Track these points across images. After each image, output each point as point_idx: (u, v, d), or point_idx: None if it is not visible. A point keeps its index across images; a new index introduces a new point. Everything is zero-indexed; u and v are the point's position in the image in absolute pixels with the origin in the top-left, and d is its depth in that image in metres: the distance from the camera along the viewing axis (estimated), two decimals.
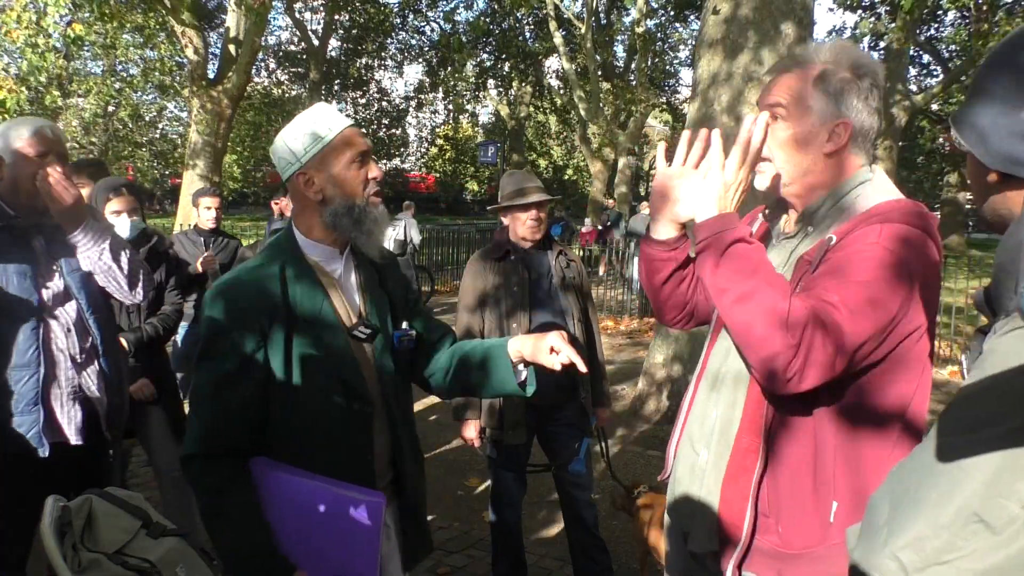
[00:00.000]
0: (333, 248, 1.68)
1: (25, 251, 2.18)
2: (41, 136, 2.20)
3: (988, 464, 0.73)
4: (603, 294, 11.57)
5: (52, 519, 1.76)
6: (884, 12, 16.90)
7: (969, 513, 0.74)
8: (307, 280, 1.62)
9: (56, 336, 2.21)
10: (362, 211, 1.61)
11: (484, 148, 20.77)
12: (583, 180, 37.77)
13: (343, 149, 1.60)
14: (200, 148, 13.42)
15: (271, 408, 1.59)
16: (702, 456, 1.52)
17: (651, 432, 5.60)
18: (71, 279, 2.27)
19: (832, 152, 1.41)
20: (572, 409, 3.02)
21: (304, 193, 1.62)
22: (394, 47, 27.70)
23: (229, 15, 14.25)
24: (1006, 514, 0.72)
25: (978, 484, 0.74)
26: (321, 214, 1.62)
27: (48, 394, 2.19)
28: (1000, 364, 0.77)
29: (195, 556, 1.89)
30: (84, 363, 2.27)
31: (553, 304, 2.99)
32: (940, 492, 0.76)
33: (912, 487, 0.80)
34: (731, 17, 5.47)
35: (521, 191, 2.96)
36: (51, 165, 2.17)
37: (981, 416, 0.76)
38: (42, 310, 2.18)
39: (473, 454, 3.41)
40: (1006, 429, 0.73)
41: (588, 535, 3.06)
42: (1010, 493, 0.72)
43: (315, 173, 1.59)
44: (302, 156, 1.59)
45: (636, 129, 21.72)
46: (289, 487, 1.58)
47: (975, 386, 0.79)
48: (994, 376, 0.77)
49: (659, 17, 22.97)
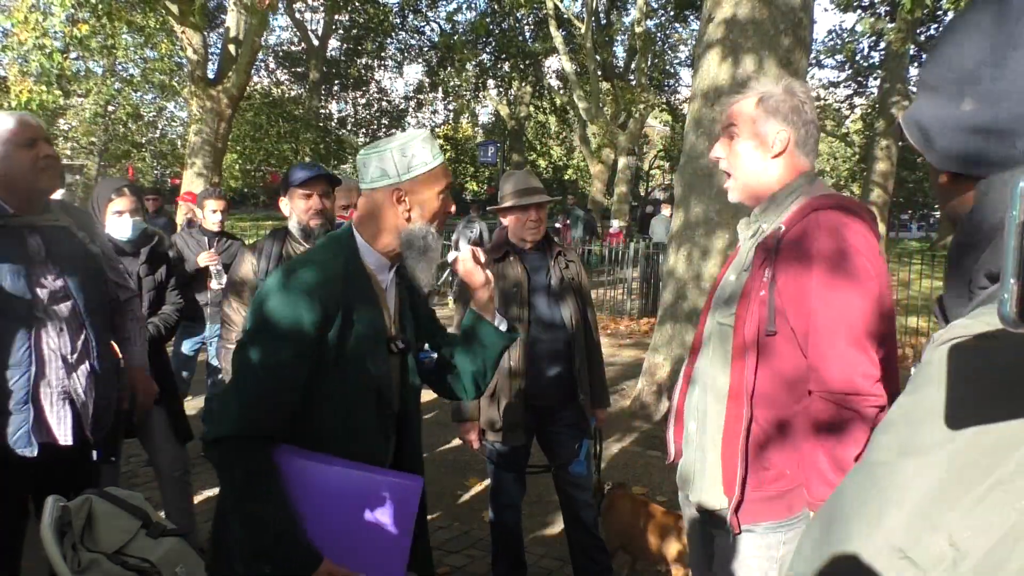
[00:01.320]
0: (387, 261, 1.74)
1: (20, 249, 2.18)
2: (25, 124, 2.22)
3: (914, 492, 0.65)
4: (603, 294, 11.57)
5: (52, 519, 1.76)
6: (884, 12, 16.90)
7: (894, 549, 0.65)
8: (365, 284, 1.68)
9: (49, 336, 2.20)
10: (433, 239, 1.71)
11: (484, 148, 20.73)
12: (583, 180, 37.76)
13: (439, 179, 1.70)
14: (200, 148, 13.41)
15: (305, 401, 1.59)
16: (691, 427, 1.82)
17: (651, 432, 5.60)
18: (70, 279, 2.26)
19: (777, 155, 1.74)
20: (572, 410, 3.02)
21: (391, 206, 1.67)
22: (394, 47, 27.71)
23: (229, 15, 14.24)
24: (933, 551, 0.63)
25: (903, 516, 0.65)
26: (398, 230, 1.69)
27: (38, 393, 2.19)
28: (929, 380, 0.68)
29: (195, 556, 1.90)
30: (76, 363, 2.26)
31: (552, 304, 2.99)
32: (866, 524, 0.67)
33: (844, 511, 0.71)
34: (731, 18, 5.47)
35: (520, 192, 2.96)
36: (42, 147, 2.22)
37: (908, 439, 0.68)
38: (35, 309, 2.17)
39: (473, 454, 3.41)
40: (935, 452, 0.64)
41: (588, 535, 3.06)
42: (938, 526, 0.63)
43: (409, 192, 1.67)
44: (404, 174, 1.65)
45: (636, 129, 21.71)
46: (316, 474, 1.56)
47: (903, 404, 0.71)
48: (922, 394, 0.69)
49: (659, 17, 22.98)
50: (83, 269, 2.33)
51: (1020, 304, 0.51)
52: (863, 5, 17.62)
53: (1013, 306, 0.51)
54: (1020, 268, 0.51)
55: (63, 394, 2.24)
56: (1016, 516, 0.61)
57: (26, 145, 2.19)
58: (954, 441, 0.63)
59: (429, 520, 1.98)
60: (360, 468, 1.59)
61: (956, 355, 0.67)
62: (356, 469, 1.59)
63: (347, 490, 1.57)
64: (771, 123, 1.73)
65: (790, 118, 1.73)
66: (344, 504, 1.57)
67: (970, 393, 0.65)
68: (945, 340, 0.68)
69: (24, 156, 2.18)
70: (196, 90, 13.30)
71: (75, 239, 2.36)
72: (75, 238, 2.36)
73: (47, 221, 2.28)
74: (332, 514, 1.57)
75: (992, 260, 0.70)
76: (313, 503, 1.56)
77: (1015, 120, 0.71)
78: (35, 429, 2.18)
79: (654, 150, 39.83)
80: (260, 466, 1.52)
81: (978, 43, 0.74)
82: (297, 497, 1.54)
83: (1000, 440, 0.62)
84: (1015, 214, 0.51)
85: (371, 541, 1.59)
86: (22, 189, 2.20)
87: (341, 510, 1.57)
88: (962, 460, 0.63)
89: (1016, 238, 0.51)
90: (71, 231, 2.36)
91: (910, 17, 11.01)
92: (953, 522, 0.63)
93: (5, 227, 2.17)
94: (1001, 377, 0.64)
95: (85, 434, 2.31)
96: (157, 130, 25.25)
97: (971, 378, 0.65)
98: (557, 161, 39.31)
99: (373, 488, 1.57)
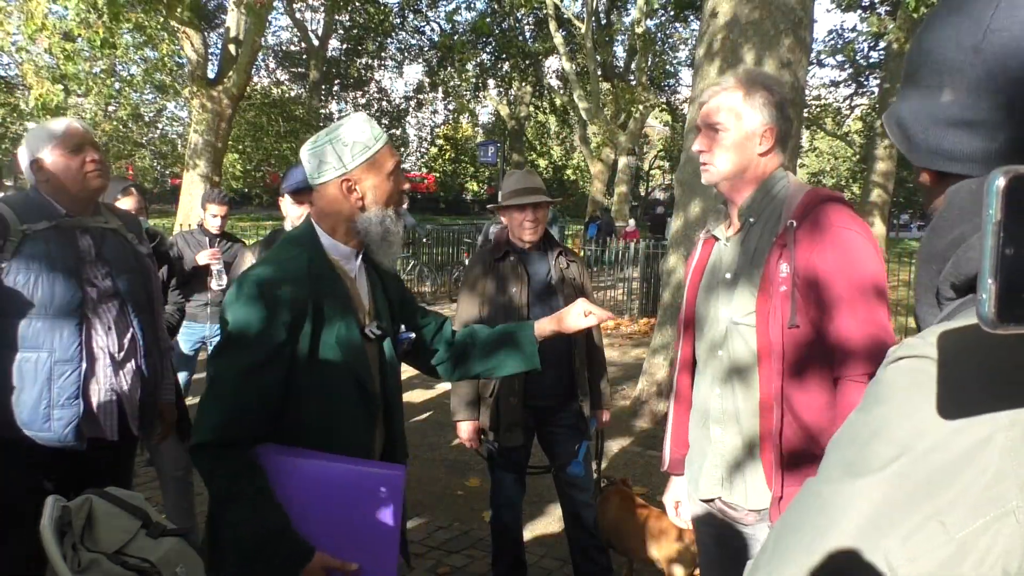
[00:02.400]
0: (352, 250, 1.75)
1: (72, 249, 2.26)
2: (73, 131, 2.32)
3: (854, 516, 0.62)
4: (603, 294, 11.57)
5: (52, 519, 1.76)
6: (884, 12, 16.90)
7: (834, 570, 0.63)
8: (331, 276, 1.69)
9: (98, 334, 2.27)
10: (392, 221, 1.70)
11: (484, 148, 20.71)
12: (583, 180, 37.77)
13: (385, 161, 1.69)
14: (200, 148, 13.42)
15: (285, 400, 1.61)
16: (715, 432, 1.81)
17: (651, 432, 5.60)
18: (119, 279, 2.33)
19: (764, 152, 1.76)
20: (571, 411, 3.02)
21: (343, 198, 1.68)
22: (394, 47, 27.73)
23: (229, 15, 14.25)
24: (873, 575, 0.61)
25: (843, 538, 0.63)
26: (354, 219, 1.69)
27: (88, 390, 2.25)
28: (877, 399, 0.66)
29: (195, 556, 1.90)
30: (123, 361, 2.33)
31: (552, 304, 2.98)
32: (807, 544, 0.65)
33: (786, 534, 0.69)
34: (731, 18, 5.47)
35: (519, 191, 2.96)
36: (89, 152, 2.30)
37: (851, 458, 0.65)
38: (86, 307, 2.24)
39: (473, 454, 3.41)
40: (875, 475, 0.62)
41: (587, 535, 3.06)
42: (875, 550, 0.61)
43: (359, 180, 1.66)
44: (349, 163, 1.65)
45: (636, 129, 21.72)
46: (302, 470, 1.58)
47: (853, 422, 0.68)
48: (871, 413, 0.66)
49: (659, 17, 22.97)
50: (131, 270, 2.40)
51: (998, 304, 0.50)
52: (863, 5, 17.61)
53: (991, 307, 0.50)
54: (997, 268, 0.49)
55: (111, 391, 2.29)
56: (954, 548, 0.58)
57: (74, 150, 2.28)
58: (897, 464, 0.61)
59: (429, 520, 1.99)
60: (343, 461, 1.61)
61: (905, 373, 0.64)
62: (339, 462, 1.60)
63: (332, 484, 1.59)
64: (757, 117, 1.74)
65: (775, 113, 1.75)
66: (331, 498, 1.59)
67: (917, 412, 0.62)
68: (897, 358, 0.66)
69: (72, 162, 2.27)
70: (196, 90, 13.30)
71: (125, 240, 2.43)
72: (124, 239, 2.43)
73: (97, 222, 2.35)
74: (319, 508, 1.59)
75: (954, 271, 0.67)
76: (299, 499, 1.57)
77: (996, 110, 0.67)
78: (85, 423, 2.23)
79: (654, 150, 39.85)
80: (241, 469, 1.54)
81: (959, 28, 0.70)
82: (283, 495, 1.55)
83: (943, 465, 0.60)
84: (991, 213, 0.50)
85: (361, 531, 1.60)
86: (72, 192, 2.29)
87: (328, 504, 1.59)
88: (903, 484, 0.61)
89: (993, 237, 0.50)
90: (120, 232, 2.43)
91: (916, 16, 10.98)
92: (892, 548, 0.60)
93: (58, 227, 2.24)
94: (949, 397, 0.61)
95: (130, 431, 2.36)
96: (157, 130, 25.25)
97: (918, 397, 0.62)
98: (557, 161, 39.31)
99: (357, 480, 1.59)
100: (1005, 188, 0.50)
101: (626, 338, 9.48)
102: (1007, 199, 0.50)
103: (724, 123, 1.77)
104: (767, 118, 1.75)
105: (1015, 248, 0.49)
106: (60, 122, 2.34)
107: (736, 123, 1.76)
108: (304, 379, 1.61)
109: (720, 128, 1.77)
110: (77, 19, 10.26)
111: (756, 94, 1.75)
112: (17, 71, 15.09)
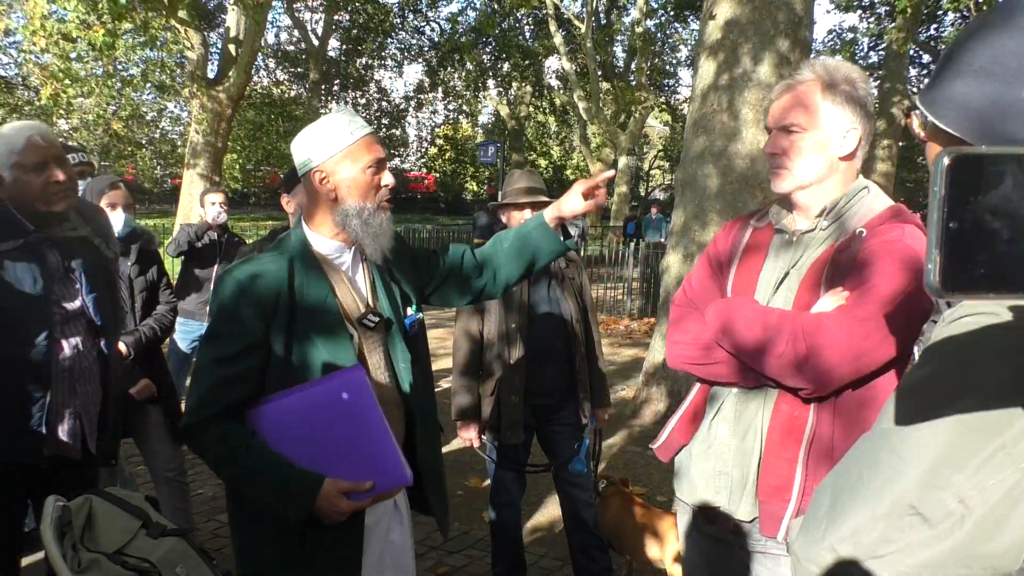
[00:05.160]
0: (342, 243, 1.75)
1: (41, 267, 2.15)
2: (33, 147, 2.12)
3: (926, 454, 0.70)
4: (603, 294, 11.57)
5: (52, 519, 1.76)
6: (884, 12, 16.91)
7: (905, 505, 0.71)
8: (313, 272, 1.69)
9: (64, 355, 2.20)
10: (371, 215, 1.69)
11: (484, 148, 20.73)
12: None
13: (361, 154, 1.68)
14: (200, 148, 13.41)
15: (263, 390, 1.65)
16: (722, 431, 1.64)
17: (651, 431, 5.60)
18: (88, 297, 2.25)
19: (844, 157, 1.56)
20: (571, 409, 3.02)
21: (318, 190, 1.69)
22: (394, 47, 27.70)
23: (229, 15, 14.24)
24: (942, 507, 0.69)
25: (916, 475, 0.71)
26: (332, 212, 1.70)
27: (52, 410, 2.19)
28: (938, 353, 0.74)
29: (195, 556, 1.89)
30: (87, 381, 2.27)
31: (552, 303, 2.99)
32: (879, 482, 0.73)
33: (854, 477, 0.77)
34: (731, 18, 5.47)
35: (519, 191, 2.97)
36: (53, 171, 2.13)
37: (920, 405, 0.73)
38: (53, 331, 2.16)
39: (473, 454, 3.41)
40: (945, 418, 0.70)
41: (588, 535, 3.07)
42: (947, 485, 0.69)
43: (332, 172, 1.67)
44: (322, 155, 1.67)
45: (636, 129, 21.72)
46: (278, 411, 1.62)
47: (917, 374, 0.77)
48: (931, 366, 0.75)
49: (659, 17, 22.98)
50: (100, 286, 2.31)
51: (943, 274, 0.54)
52: (863, 5, 17.61)
53: (936, 276, 0.54)
54: (941, 240, 0.54)
55: (74, 412, 2.23)
56: (1018, 476, 0.67)
57: (35, 169, 2.11)
58: (962, 408, 0.69)
59: (429, 520, 1.99)
60: (306, 386, 1.63)
61: (963, 329, 0.72)
62: (296, 391, 1.63)
63: (299, 413, 1.62)
64: (841, 117, 1.54)
65: (860, 111, 1.54)
66: (306, 426, 1.62)
67: (977, 364, 0.71)
68: (955, 318, 0.73)
69: (34, 181, 2.10)
70: (196, 90, 13.29)
71: (93, 249, 2.33)
72: (92, 248, 2.33)
73: (65, 231, 2.24)
74: (303, 441, 1.62)
75: None
76: (281, 440, 1.61)
77: None
78: (46, 444, 2.18)
79: (654, 150, 39.84)
80: (225, 433, 1.61)
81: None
82: (274, 439, 1.61)
83: (1003, 408, 0.68)
84: (936, 189, 0.54)
85: (354, 446, 1.63)
86: (35, 210, 2.15)
87: (309, 433, 1.62)
88: (970, 425, 0.69)
89: (938, 212, 0.54)
90: (88, 239, 2.33)
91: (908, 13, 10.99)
92: (961, 481, 0.69)
93: (26, 245, 2.13)
94: (1004, 350, 0.70)
95: (89, 446, 2.31)
96: (158, 130, 25.24)
97: (978, 350, 0.71)
98: (557, 161, 39.31)
99: (319, 398, 1.61)
100: (948, 167, 0.54)
101: (625, 337, 9.48)
102: (950, 177, 0.54)
103: (802, 123, 1.56)
104: (852, 116, 1.54)
105: (957, 222, 0.54)
106: (20, 134, 2.11)
107: (815, 123, 1.55)
108: (282, 373, 1.64)
109: (796, 129, 1.56)
110: (77, 20, 10.25)
111: (838, 88, 1.54)
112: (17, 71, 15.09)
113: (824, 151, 1.55)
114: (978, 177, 0.54)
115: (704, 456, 1.69)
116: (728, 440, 1.64)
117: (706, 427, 1.71)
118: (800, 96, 1.56)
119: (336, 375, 1.62)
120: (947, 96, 0.81)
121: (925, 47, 20.84)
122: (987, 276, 0.54)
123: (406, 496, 1.88)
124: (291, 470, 1.58)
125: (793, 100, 1.57)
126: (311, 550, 1.67)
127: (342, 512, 1.58)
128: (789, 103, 1.58)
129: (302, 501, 1.56)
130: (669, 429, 1.82)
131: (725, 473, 1.64)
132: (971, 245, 0.54)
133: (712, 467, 1.67)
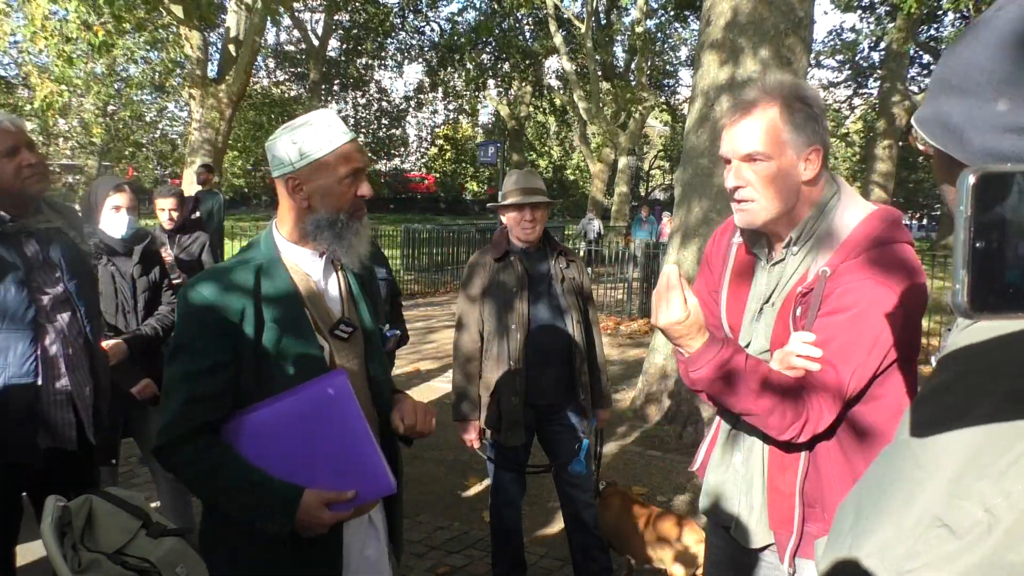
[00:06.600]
0: (313, 252, 1.67)
1: (20, 258, 2.17)
2: (6, 132, 2.16)
3: (948, 463, 0.69)
4: (603, 294, 11.57)
5: (52, 519, 1.76)
6: (884, 12, 16.91)
7: (931, 517, 0.69)
8: (281, 281, 1.61)
9: (52, 342, 2.20)
10: (344, 225, 1.61)
11: (484, 148, 20.69)
12: (583, 180, 37.76)
13: (339, 164, 1.58)
14: (200, 148, 13.42)
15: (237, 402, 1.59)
16: (737, 459, 1.65)
17: (651, 432, 5.60)
18: (69, 284, 2.26)
19: (810, 180, 1.49)
20: (572, 409, 3.02)
21: (291, 197, 1.60)
22: (394, 47, 27.71)
23: (229, 15, 14.24)
24: (969, 517, 0.68)
25: (939, 485, 0.69)
26: (304, 220, 1.61)
27: (43, 400, 2.19)
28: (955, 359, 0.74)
29: (195, 556, 1.89)
30: (76, 368, 2.27)
31: (552, 304, 2.99)
32: (903, 495, 0.72)
33: (877, 491, 0.76)
34: (731, 18, 5.47)
35: (519, 191, 2.96)
36: (24, 155, 2.16)
37: (939, 413, 0.72)
38: (39, 316, 2.17)
39: (473, 454, 3.41)
40: (966, 427, 0.69)
41: (588, 535, 3.06)
42: (971, 494, 0.68)
43: (306, 181, 1.58)
44: (296, 161, 1.57)
45: (636, 129, 21.72)
46: (256, 422, 1.57)
47: (934, 383, 0.76)
48: (949, 372, 0.74)
49: (659, 17, 22.99)
50: (81, 273, 2.32)
51: (971, 294, 0.53)
52: (863, 5, 17.61)
53: (965, 296, 0.53)
54: (969, 260, 0.53)
55: (67, 400, 2.24)
56: None
57: (8, 154, 2.15)
58: (981, 413, 0.68)
59: (429, 520, 1.98)
60: (285, 395, 1.57)
61: (979, 335, 0.71)
62: (277, 400, 1.57)
63: (281, 423, 1.56)
64: (802, 138, 1.46)
65: (818, 128, 1.47)
66: (288, 436, 1.56)
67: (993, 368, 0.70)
68: (970, 324, 0.73)
69: (6, 165, 2.14)
70: (196, 90, 13.29)
71: (68, 240, 2.34)
72: (68, 238, 2.35)
73: (40, 222, 2.26)
74: (284, 452, 1.56)
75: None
76: (261, 453, 1.56)
77: None
78: (41, 435, 2.18)
79: (654, 150, 39.85)
80: (199, 451, 1.53)
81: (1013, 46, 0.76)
82: (247, 456, 1.55)
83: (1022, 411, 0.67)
84: (962, 208, 0.53)
85: (337, 455, 1.57)
86: (9, 197, 2.18)
87: (290, 443, 1.56)
88: (990, 430, 0.68)
89: (965, 231, 0.53)
90: (63, 231, 2.34)
91: (914, 13, 10.99)
92: (985, 489, 0.67)
93: (3, 234, 2.16)
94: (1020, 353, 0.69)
95: (87, 437, 2.31)
96: (157, 130, 25.24)
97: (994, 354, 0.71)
98: (557, 161, 39.31)
99: (301, 407, 1.55)
100: (974, 185, 0.53)
101: (626, 338, 9.48)
102: (976, 196, 0.53)
103: (763, 150, 1.46)
104: (811, 137, 1.46)
105: (984, 241, 0.53)
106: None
107: (778, 149, 1.45)
108: (252, 384, 1.57)
109: (760, 158, 1.46)
110: (77, 21, 10.25)
111: (796, 108, 1.45)
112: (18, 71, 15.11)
113: (789, 178, 1.47)
114: (1004, 195, 0.52)
115: (723, 482, 1.69)
116: (740, 467, 1.63)
117: (719, 452, 1.71)
118: (759, 122, 1.46)
119: (317, 381, 1.56)
120: (934, 114, 0.84)
121: (925, 47, 20.84)
122: (1017, 295, 0.52)
123: (382, 509, 1.80)
124: (270, 484, 1.52)
125: (752, 126, 1.47)
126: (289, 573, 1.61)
127: (324, 524, 1.52)
128: (749, 130, 1.47)
129: (282, 515, 1.50)
130: (703, 451, 1.81)
131: (738, 499, 1.64)
132: (999, 264, 0.52)
133: (729, 492, 1.66)
